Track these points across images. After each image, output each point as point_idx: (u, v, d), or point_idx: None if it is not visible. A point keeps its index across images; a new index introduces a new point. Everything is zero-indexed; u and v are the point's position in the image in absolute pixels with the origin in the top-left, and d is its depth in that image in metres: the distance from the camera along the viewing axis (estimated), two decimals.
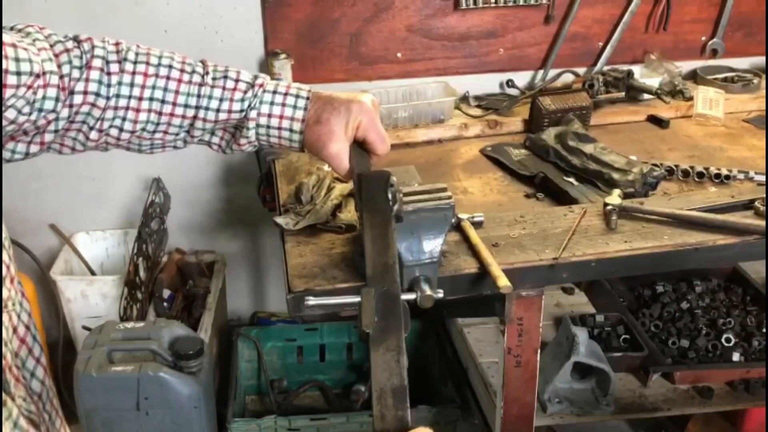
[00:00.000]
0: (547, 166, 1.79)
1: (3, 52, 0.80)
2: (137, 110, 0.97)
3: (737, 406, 1.83)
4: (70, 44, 0.92)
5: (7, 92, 0.81)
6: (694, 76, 2.35)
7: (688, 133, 2.04)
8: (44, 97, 0.87)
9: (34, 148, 0.93)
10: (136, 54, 0.98)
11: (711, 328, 1.93)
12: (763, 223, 1.42)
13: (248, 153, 2.29)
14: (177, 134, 1.03)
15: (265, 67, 2.20)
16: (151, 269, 2.21)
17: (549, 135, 1.86)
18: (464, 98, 2.22)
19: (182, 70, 1.00)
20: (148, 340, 1.65)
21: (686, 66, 2.36)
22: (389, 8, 2.21)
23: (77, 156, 1.02)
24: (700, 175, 1.72)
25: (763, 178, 1.71)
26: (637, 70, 2.23)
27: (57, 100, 0.89)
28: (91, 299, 2.22)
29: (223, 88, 1.02)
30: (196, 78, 1.01)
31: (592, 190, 1.66)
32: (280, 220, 1.49)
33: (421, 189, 1.27)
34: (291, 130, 1.06)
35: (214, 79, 1.02)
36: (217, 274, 2.36)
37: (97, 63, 0.93)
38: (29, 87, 0.84)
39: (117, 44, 0.97)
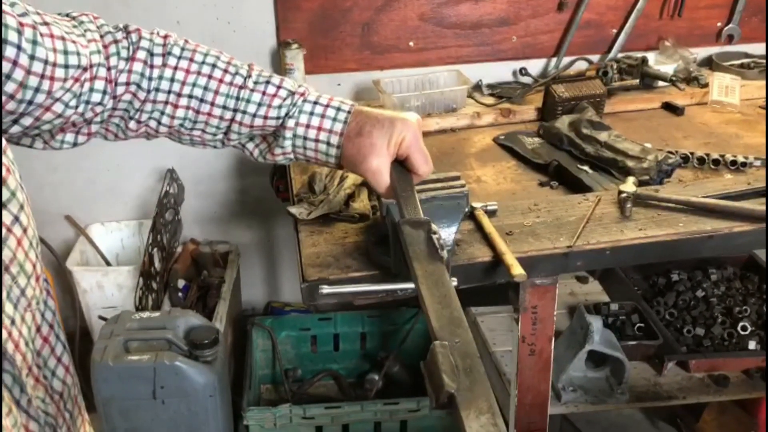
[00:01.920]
0: (561, 154, 1.78)
1: (52, 45, 0.80)
2: (176, 106, 0.96)
3: (753, 394, 1.82)
4: (119, 35, 0.93)
5: (55, 85, 0.81)
6: (709, 63, 2.32)
7: (703, 120, 2.02)
8: (92, 90, 0.88)
9: (81, 138, 0.94)
10: (182, 49, 0.97)
11: (727, 317, 1.92)
12: None
13: None
14: (215, 135, 1.02)
15: (278, 57, 2.20)
16: (166, 260, 2.22)
17: (563, 123, 1.85)
18: (477, 87, 2.21)
19: (225, 71, 0.99)
20: (164, 330, 1.65)
21: (701, 52, 2.34)
22: None
23: (92, 148, 1.03)
24: (716, 162, 1.71)
25: None
26: (651, 57, 2.21)
27: (104, 92, 0.89)
28: (106, 290, 2.24)
29: (263, 93, 0.99)
30: (238, 80, 0.99)
31: (607, 178, 1.65)
32: (293, 209, 1.49)
33: (435, 177, 1.26)
34: (328, 143, 1.02)
35: (255, 83, 1.00)
36: (231, 264, 2.38)
37: (141, 55, 0.93)
38: (76, 80, 0.84)
39: (165, 37, 0.96)
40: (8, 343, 0.74)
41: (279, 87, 1.01)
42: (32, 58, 0.78)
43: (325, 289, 1.12)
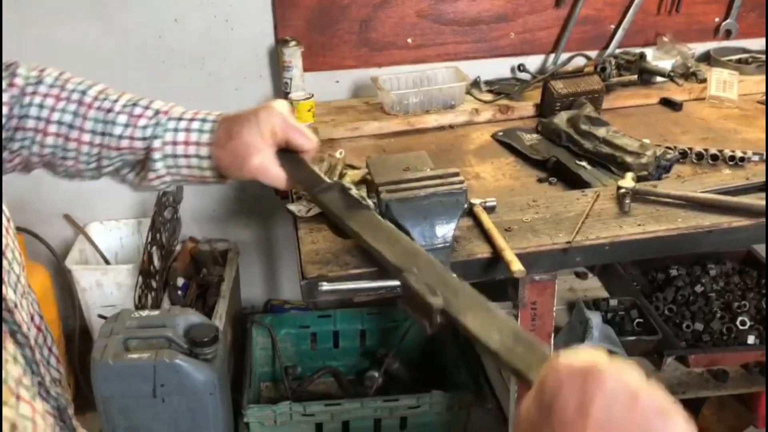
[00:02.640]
0: (559, 150, 1.78)
1: None
2: (45, 133, 0.94)
3: (752, 389, 1.82)
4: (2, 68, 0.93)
5: None
6: (707, 58, 2.32)
7: (701, 115, 2.03)
8: None
9: None
10: (55, 78, 0.96)
11: (726, 312, 1.92)
12: None
13: None
14: (88, 163, 0.98)
15: (275, 54, 2.20)
16: (165, 258, 2.22)
17: (561, 119, 1.85)
18: (475, 83, 2.21)
19: (95, 98, 0.97)
20: (164, 328, 1.66)
21: (699, 48, 2.34)
22: None
23: None
24: (714, 157, 1.71)
25: None
26: (649, 52, 2.21)
27: None
28: (106, 288, 2.24)
29: (130, 115, 0.97)
30: (106, 104, 0.97)
31: (605, 174, 1.66)
32: (292, 207, 1.49)
33: (433, 174, 1.27)
34: (199, 156, 0.98)
35: (123, 105, 0.98)
36: (231, 262, 2.38)
37: (17, 81, 0.93)
38: None
39: (42, 70, 0.96)
40: (22, 324, 0.75)
41: (146, 108, 0.98)
42: None
43: (325, 286, 1.13)
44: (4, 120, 0.91)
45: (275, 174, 0.99)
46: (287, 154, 1.00)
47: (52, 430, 0.76)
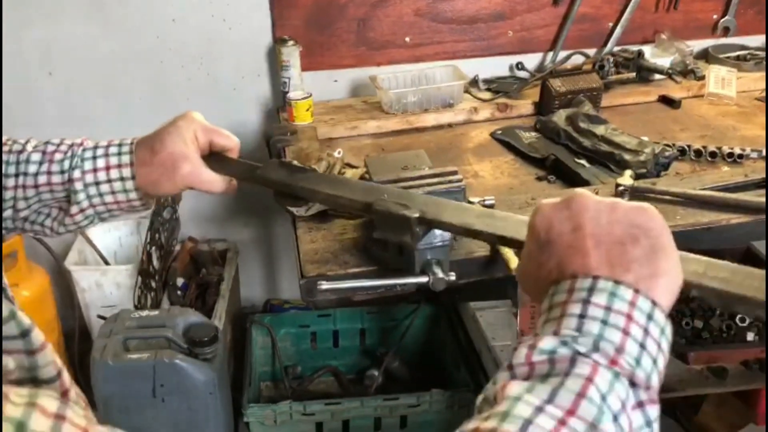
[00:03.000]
0: (558, 148, 1.78)
1: None
2: None
3: (752, 385, 1.82)
4: None
5: None
6: (705, 55, 2.32)
7: (700, 112, 2.03)
8: None
9: None
10: None
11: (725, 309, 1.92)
12: None
13: (257, 140, 2.30)
14: (4, 210, 0.97)
15: (273, 54, 2.20)
16: (165, 258, 2.22)
17: (560, 117, 1.85)
18: (474, 82, 2.21)
19: (4, 143, 0.97)
20: (163, 328, 1.66)
21: (698, 45, 2.34)
22: None
23: None
24: (713, 154, 1.71)
25: None
26: (647, 50, 2.21)
27: None
28: (105, 288, 2.24)
29: (43, 152, 0.96)
30: (17, 147, 0.97)
31: (604, 172, 1.66)
32: (291, 206, 1.49)
33: (432, 172, 1.27)
34: (122, 179, 0.97)
35: (35, 146, 0.97)
36: (230, 262, 2.38)
37: None
38: None
39: None
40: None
41: (59, 144, 0.98)
42: None
43: (324, 285, 1.13)
44: None
45: (208, 177, 1.01)
46: (214, 156, 1.02)
47: None
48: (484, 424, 0.52)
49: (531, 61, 2.33)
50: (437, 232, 1.21)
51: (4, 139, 0.98)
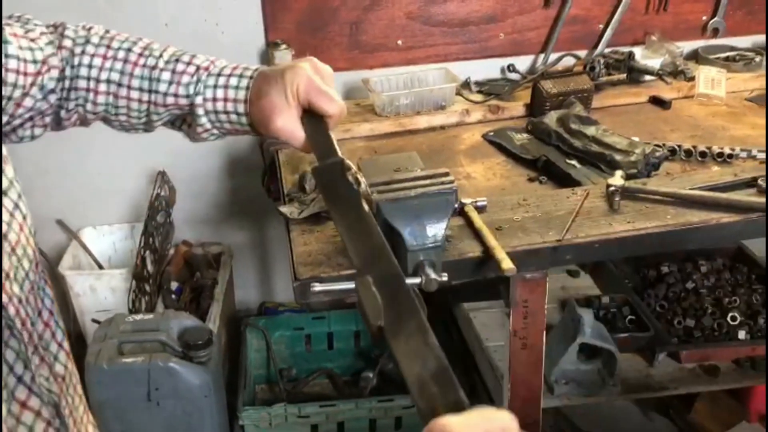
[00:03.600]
0: (549, 149, 1.80)
1: (18, 43, 0.85)
2: (96, 92, 0.97)
3: (743, 383, 1.84)
4: (50, 29, 0.97)
5: (28, 80, 0.86)
6: (695, 56, 2.34)
7: (690, 113, 2.04)
8: (50, 79, 0.92)
9: (38, 131, 0.97)
10: (101, 38, 0.99)
11: (716, 307, 1.93)
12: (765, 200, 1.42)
13: (251, 144, 2.31)
14: (139, 118, 1.02)
15: (266, 57, 2.21)
16: (159, 262, 2.22)
17: (551, 118, 1.87)
18: (466, 84, 2.22)
19: (140, 54, 0.99)
20: (157, 332, 1.67)
21: (687, 46, 2.35)
22: None
23: (83, 151, 1.04)
24: (703, 154, 1.73)
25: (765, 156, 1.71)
26: (638, 51, 2.22)
27: (58, 80, 0.93)
28: (99, 293, 2.24)
29: (173, 72, 0.99)
30: (151, 61, 0.99)
31: (595, 172, 1.67)
32: (284, 209, 1.50)
33: (424, 174, 1.28)
34: (237, 113, 1.00)
35: (167, 62, 1.00)
36: (224, 265, 2.38)
37: (66, 43, 0.96)
38: (39, 73, 0.89)
39: (89, 29, 0.99)
40: (17, 319, 0.76)
41: (188, 63, 1.00)
42: (7, 56, 0.83)
43: (317, 287, 1.13)
44: (58, 81, 0.94)
45: (297, 135, 0.99)
46: (312, 116, 1.00)
47: (26, 425, 0.77)
48: None
49: (522, 63, 2.34)
50: (429, 232, 1.22)
51: (140, 47, 1.01)
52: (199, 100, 0.99)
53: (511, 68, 2.32)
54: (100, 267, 2.39)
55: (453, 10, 2.25)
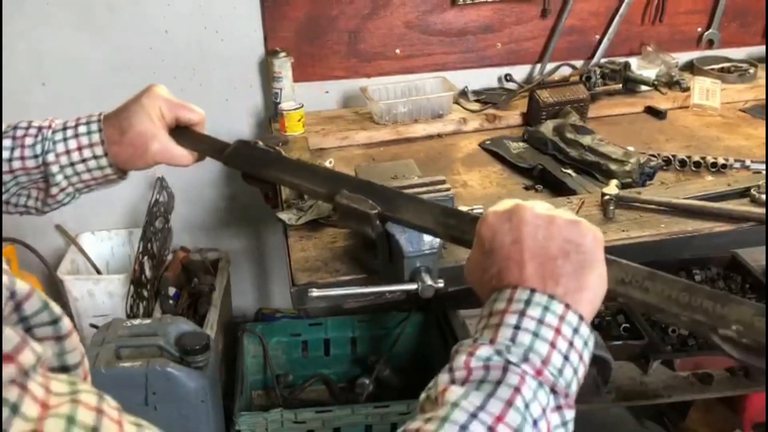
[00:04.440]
0: (545, 158, 1.81)
1: None
2: None
3: (737, 391, 1.84)
4: None
5: None
6: (690, 67, 2.36)
7: (685, 123, 2.06)
8: None
9: None
10: None
11: None
12: (759, 210, 1.44)
13: None
14: None
15: (265, 65, 2.22)
16: (157, 267, 2.23)
17: (547, 128, 1.89)
18: (463, 93, 2.24)
19: None
20: (155, 336, 1.67)
21: (683, 57, 2.38)
22: (387, 5, 2.23)
23: None
24: (697, 164, 1.74)
25: (759, 166, 1.73)
26: (634, 62, 2.25)
27: None
28: (97, 298, 2.25)
29: (13, 138, 0.99)
30: None
31: (590, 181, 1.69)
32: (282, 215, 1.51)
33: (420, 182, 1.29)
34: (95, 157, 1.01)
35: (4, 132, 1.00)
36: (222, 271, 2.39)
37: None
38: None
39: None
40: None
41: (27, 128, 1.00)
42: None
43: (315, 292, 1.14)
44: None
45: (177, 153, 1.03)
46: (180, 130, 1.04)
47: None
48: (425, 426, 0.60)
49: (519, 72, 2.36)
50: (426, 239, 1.24)
51: None
52: (51, 157, 0.99)
53: (508, 77, 2.34)
54: (99, 272, 2.40)
55: (451, 20, 2.27)
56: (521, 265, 0.67)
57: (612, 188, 1.51)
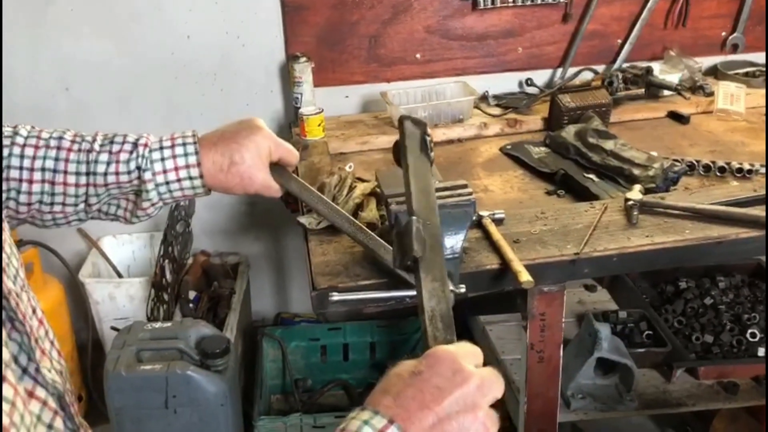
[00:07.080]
0: (567, 163, 1.80)
1: None
2: (30, 181, 1.01)
3: (763, 401, 1.82)
4: None
5: None
6: (714, 72, 2.34)
7: (709, 128, 2.04)
8: None
9: None
10: (29, 131, 1.03)
11: (735, 324, 1.92)
12: None
13: None
14: (76, 205, 1.05)
15: (286, 70, 2.23)
16: (177, 271, 2.24)
17: (569, 132, 1.87)
18: (483, 98, 2.24)
19: (72, 141, 1.04)
20: (175, 340, 1.66)
21: (706, 62, 2.35)
22: (407, 10, 2.23)
23: None
24: (722, 169, 1.72)
25: None
26: (656, 66, 2.22)
27: None
28: (118, 301, 2.26)
29: (110, 152, 1.04)
30: (85, 146, 1.04)
31: (613, 186, 1.67)
32: (303, 219, 1.51)
33: (442, 186, 1.28)
34: (191, 178, 1.07)
35: (101, 145, 1.04)
36: (241, 275, 2.39)
37: None
38: None
39: (15, 126, 1.03)
40: (17, 311, 0.78)
41: (123, 143, 1.05)
42: None
43: (335, 297, 1.14)
44: None
45: (275, 188, 1.15)
46: (277, 167, 1.16)
47: (34, 413, 0.78)
48: None
49: (540, 77, 2.35)
50: (447, 244, 1.23)
51: (71, 134, 1.05)
52: (148, 175, 1.05)
53: (529, 82, 2.32)
54: (120, 275, 2.41)
55: (471, 24, 2.27)
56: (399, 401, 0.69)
57: (635, 193, 1.49)
